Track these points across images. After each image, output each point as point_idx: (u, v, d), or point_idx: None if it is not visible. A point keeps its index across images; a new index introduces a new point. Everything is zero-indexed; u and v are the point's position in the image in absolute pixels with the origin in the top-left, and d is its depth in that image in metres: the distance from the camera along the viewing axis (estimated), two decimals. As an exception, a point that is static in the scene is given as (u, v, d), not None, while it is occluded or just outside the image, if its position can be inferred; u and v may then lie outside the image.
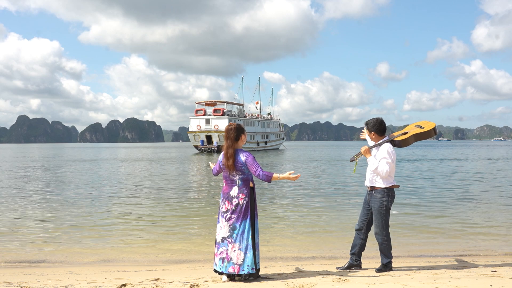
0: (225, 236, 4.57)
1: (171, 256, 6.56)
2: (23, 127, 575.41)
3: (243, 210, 4.56)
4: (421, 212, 10.11)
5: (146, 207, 11.22)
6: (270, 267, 5.50)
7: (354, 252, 5.27)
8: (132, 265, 6.07)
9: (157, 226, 8.75)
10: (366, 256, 5.55)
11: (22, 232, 8.30)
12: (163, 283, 4.58)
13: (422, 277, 4.65)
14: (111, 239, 7.72)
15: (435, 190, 14.39)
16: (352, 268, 5.27)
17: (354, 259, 5.28)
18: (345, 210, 10.53)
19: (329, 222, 9.08)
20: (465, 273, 4.91)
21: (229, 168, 4.59)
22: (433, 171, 23.07)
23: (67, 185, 17.40)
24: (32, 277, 5.20)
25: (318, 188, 15.25)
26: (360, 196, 12.48)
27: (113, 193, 14.33)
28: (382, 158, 4.93)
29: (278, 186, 15.52)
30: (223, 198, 4.68)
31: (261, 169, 4.55)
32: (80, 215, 10.10)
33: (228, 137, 4.66)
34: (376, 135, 5.15)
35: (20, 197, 13.38)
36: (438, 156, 42.24)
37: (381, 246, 5.09)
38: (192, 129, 62.19)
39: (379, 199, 5.00)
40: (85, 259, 6.43)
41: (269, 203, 11.76)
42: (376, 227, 5.07)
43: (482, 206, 11.00)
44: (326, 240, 7.56)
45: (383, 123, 5.17)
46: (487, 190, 14.38)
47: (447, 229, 8.26)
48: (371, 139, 5.24)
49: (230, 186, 4.65)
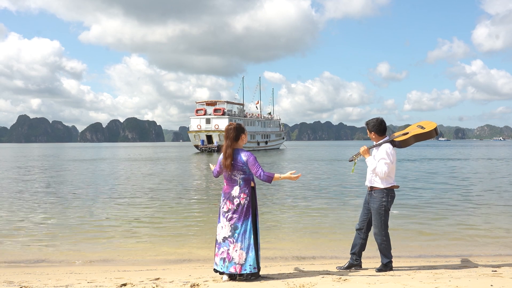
0: (226, 236, 4.57)
1: (171, 256, 6.56)
2: (24, 126, 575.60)
3: (244, 210, 4.56)
4: (421, 212, 10.10)
5: (146, 207, 11.22)
6: (270, 267, 5.50)
7: (354, 252, 5.27)
8: (132, 264, 6.07)
9: (157, 226, 8.75)
10: (366, 256, 5.55)
11: (23, 232, 8.30)
12: (163, 282, 4.58)
13: (422, 277, 4.65)
14: (111, 239, 7.72)
15: (436, 190, 14.38)
16: (353, 267, 5.27)
17: (354, 259, 5.28)
18: (345, 210, 10.52)
19: (330, 222, 9.07)
20: (465, 273, 4.91)
21: (227, 167, 4.59)
22: (433, 171, 23.05)
23: (67, 185, 17.40)
24: (33, 277, 5.21)
25: (318, 188, 15.25)
26: (361, 196, 12.48)
27: (113, 193, 14.33)
28: (381, 158, 4.92)
29: (278, 186, 15.52)
30: (224, 198, 4.67)
31: (262, 170, 4.55)
32: (80, 214, 10.10)
33: (227, 137, 4.67)
34: (376, 135, 5.13)
35: (21, 197, 13.38)
36: (437, 156, 42.22)
37: (380, 246, 5.09)
38: (193, 129, 62.19)
39: (378, 199, 4.99)
40: (85, 259, 6.43)
41: (269, 203, 11.76)
42: (375, 228, 5.07)
43: (482, 206, 10.99)
44: (326, 240, 7.55)
45: (383, 123, 5.16)
46: (488, 191, 14.38)
47: (448, 229, 8.25)
48: (371, 139, 5.23)
49: (231, 186, 4.64)
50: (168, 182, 18.03)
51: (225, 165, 4.61)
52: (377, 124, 5.13)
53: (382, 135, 5.14)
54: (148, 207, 11.26)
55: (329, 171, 23.80)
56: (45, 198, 13.11)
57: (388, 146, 4.98)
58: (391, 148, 4.99)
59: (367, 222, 5.19)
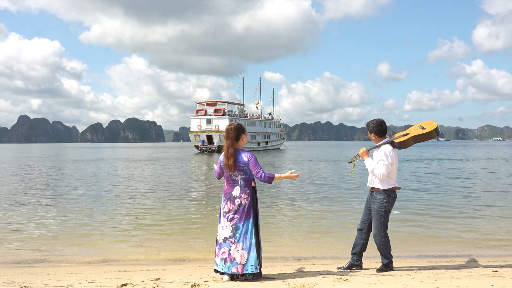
0: (227, 236, 4.57)
1: (172, 256, 6.56)
2: (24, 127, 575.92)
3: (245, 210, 4.56)
4: (422, 212, 10.10)
5: (146, 207, 11.22)
6: (271, 267, 5.50)
7: (355, 252, 5.27)
8: (133, 264, 6.07)
9: (157, 226, 8.75)
10: (367, 256, 5.55)
11: (23, 232, 8.30)
12: (164, 282, 4.58)
13: (423, 277, 4.65)
14: (112, 239, 7.72)
15: (436, 191, 14.38)
16: (353, 268, 5.27)
17: (355, 259, 5.27)
18: (346, 210, 10.52)
19: (330, 222, 9.07)
20: (466, 273, 4.91)
21: (230, 167, 4.59)
22: (433, 171, 23.04)
23: (67, 185, 17.40)
24: (33, 277, 5.21)
25: (319, 188, 15.25)
26: (361, 197, 12.48)
27: (113, 193, 14.33)
28: (380, 160, 4.92)
29: (279, 186, 15.52)
30: (224, 198, 4.67)
31: (262, 171, 4.57)
32: (81, 214, 10.10)
33: (228, 137, 4.67)
34: (376, 136, 5.12)
35: (21, 197, 13.38)
36: (437, 156, 42.20)
37: (380, 247, 5.09)
38: (193, 129, 62.21)
39: (378, 200, 4.99)
40: (86, 259, 6.43)
41: (270, 203, 11.76)
42: (374, 228, 5.06)
43: (483, 206, 10.99)
44: (327, 240, 7.55)
45: (383, 124, 5.14)
46: (488, 191, 14.37)
47: (448, 230, 8.25)
48: (372, 140, 5.22)
49: (232, 186, 4.64)
50: (169, 182, 18.03)
51: (227, 165, 4.61)
52: (377, 125, 5.12)
53: (382, 136, 5.13)
54: (149, 207, 11.26)
55: (330, 172, 23.79)
56: (45, 198, 13.11)
57: (387, 147, 4.97)
58: (391, 149, 4.97)
59: (368, 223, 5.18)
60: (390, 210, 5.06)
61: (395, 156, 5.00)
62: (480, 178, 19.30)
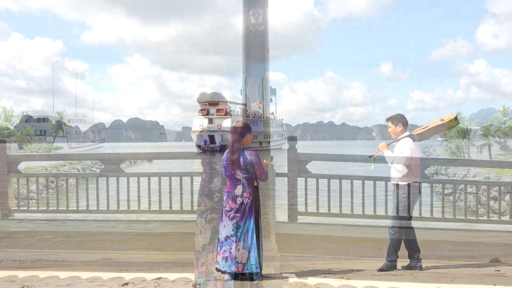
0: (228, 235, 4.56)
1: (173, 256, 6.55)
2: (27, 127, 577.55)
3: (247, 209, 4.55)
4: (423, 212, 10.03)
5: (148, 206, 11.19)
6: (271, 267, 5.48)
7: (409, 255, 5.19)
8: (134, 264, 6.07)
9: (158, 226, 8.74)
10: (367, 256, 5.54)
11: (23, 232, 8.30)
12: (165, 282, 4.58)
13: (425, 277, 4.63)
14: (112, 238, 7.72)
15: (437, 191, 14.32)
16: (411, 268, 5.14)
17: (412, 259, 5.20)
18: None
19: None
20: (468, 273, 4.89)
21: (233, 163, 4.58)
22: (434, 172, 22.97)
23: (68, 184, 17.38)
24: (34, 277, 5.21)
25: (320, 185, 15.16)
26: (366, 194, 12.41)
27: (114, 193, 14.30)
28: (399, 152, 4.95)
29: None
30: (226, 197, 4.67)
31: (267, 173, 4.61)
32: (81, 214, 10.08)
33: (235, 132, 4.67)
34: (403, 127, 5.15)
35: (21, 197, 13.39)
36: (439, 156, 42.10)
37: (392, 242, 5.07)
38: (195, 129, 62.27)
39: (399, 194, 5.01)
40: (87, 258, 6.43)
41: (270, 201, 11.71)
42: (392, 222, 5.08)
43: (483, 206, 10.93)
44: (328, 239, 7.52)
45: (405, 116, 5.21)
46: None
47: (449, 229, 8.20)
48: (397, 132, 5.19)
49: (234, 185, 4.64)
50: (169, 182, 17.97)
51: (231, 160, 4.60)
52: (402, 117, 5.19)
53: (406, 129, 5.17)
54: (150, 206, 11.23)
55: (331, 169, 23.68)
56: (45, 198, 13.09)
57: (408, 140, 4.99)
58: (411, 141, 4.98)
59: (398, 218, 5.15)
60: (410, 204, 5.04)
61: (416, 148, 5.00)
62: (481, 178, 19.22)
